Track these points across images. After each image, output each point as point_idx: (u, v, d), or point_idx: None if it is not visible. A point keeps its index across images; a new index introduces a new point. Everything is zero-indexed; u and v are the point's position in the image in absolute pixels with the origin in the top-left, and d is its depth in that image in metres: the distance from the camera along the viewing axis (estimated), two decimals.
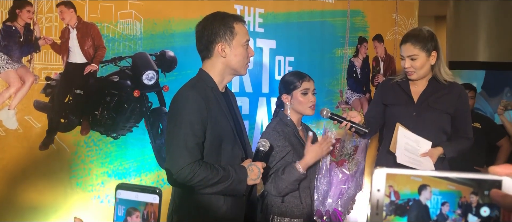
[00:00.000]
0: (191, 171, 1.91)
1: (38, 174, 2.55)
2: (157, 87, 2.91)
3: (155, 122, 2.92)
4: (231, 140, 2.07)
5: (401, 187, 0.61)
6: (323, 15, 3.69)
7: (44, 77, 2.57)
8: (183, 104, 1.98)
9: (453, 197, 0.61)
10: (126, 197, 0.69)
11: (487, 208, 0.60)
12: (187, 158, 1.91)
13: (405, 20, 4.23)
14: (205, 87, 2.06)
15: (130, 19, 2.81)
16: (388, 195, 0.61)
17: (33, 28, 2.54)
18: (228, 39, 2.07)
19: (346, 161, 2.44)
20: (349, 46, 3.86)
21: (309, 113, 2.49)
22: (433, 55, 2.53)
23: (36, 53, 2.55)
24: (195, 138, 1.94)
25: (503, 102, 4.07)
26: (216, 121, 2.01)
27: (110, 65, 2.77)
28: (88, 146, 2.70)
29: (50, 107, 2.59)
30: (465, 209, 0.61)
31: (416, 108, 2.59)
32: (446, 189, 0.61)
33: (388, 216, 0.61)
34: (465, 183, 0.61)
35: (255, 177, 2.04)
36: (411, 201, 0.61)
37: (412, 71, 2.55)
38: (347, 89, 3.88)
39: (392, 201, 0.61)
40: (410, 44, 2.52)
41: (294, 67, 3.49)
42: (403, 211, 0.61)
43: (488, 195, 0.60)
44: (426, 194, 0.61)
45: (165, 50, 2.93)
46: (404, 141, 2.45)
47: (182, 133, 1.93)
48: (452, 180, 0.61)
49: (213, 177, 1.94)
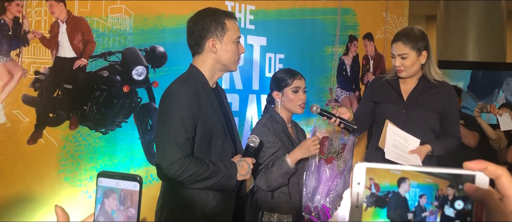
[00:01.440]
0: (181, 166, 1.92)
1: (26, 169, 2.54)
2: (147, 83, 2.91)
3: (144, 118, 2.92)
4: (221, 136, 2.08)
5: (381, 180, 0.63)
6: (314, 13, 3.70)
7: (33, 71, 2.56)
8: (174, 99, 1.98)
9: (430, 190, 0.63)
10: (107, 185, 0.70)
11: (461, 201, 0.63)
12: (177, 153, 1.92)
13: (396, 19, 4.25)
14: (196, 83, 2.06)
15: (120, 14, 2.80)
16: (369, 187, 0.63)
17: (22, 21, 2.53)
18: (219, 35, 2.08)
19: (334, 158, 2.47)
20: (340, 44, 3.88)
21: (298, 111, 2.51)
22: (424, 54, 2.57)
23: (25, 47, 2.54)
24: (186, 133, 1.95)
25: (479, 105, 4.16)
26: (206, 116, 2.02)
27: (100, 60, 2.76)
28: (76, 141, 2.69)
29: (38, 102, 2.58)
30: (442, 201, 0.63)
31: (405, 106, 2.62)
32: (424, 182, 0.63)
33: (368, 207, 0.63)
34: (442, 177, 0.63)
35: (244, 173, 2.06)
36: (390, 193, 0.63)
37: (402, 70, 2.58)
38: (336, 87, 3.91)
39: (373, 193, 0.63)
40: (401, 43, 2.55)
41: (284, 65, 3.50)
42: (383, 202, 0.63)
43: (462, 189, 0.62)
44: (405, 186, 0.63)
45: (155, 46, 2.92)
46: (392, 138, 2.48)
47: (172, 128, 1.94)
48: (430, 173, 0.63)
49: (203, 172, 1.96)
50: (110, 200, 0.69)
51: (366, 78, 4.08)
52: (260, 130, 2.41)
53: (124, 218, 0.69)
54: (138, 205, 0.69)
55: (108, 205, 0.69)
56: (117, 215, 0.69)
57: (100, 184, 0.70)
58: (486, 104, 4.18)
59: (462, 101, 4.56)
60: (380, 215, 0.63)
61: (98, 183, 0.70)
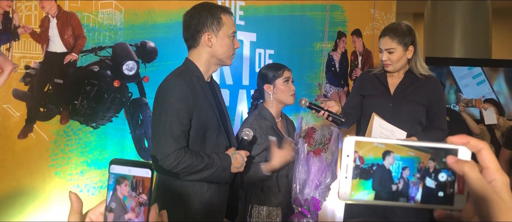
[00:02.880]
0: (177, 158, 1.94)
1: (17, 163, 2.54)
2: (138, 78, 2.92)
3: (135, 113, 2.94)
4: (215, 129, 2.12)
5: (365, 153, 0.67)
6: (303, 9, 3.74)
7: (23, 65, 2.56)
8: (169, 92, 2.01)
9: (412, 162, 0.66)
10: (119, 172, 0.71)
11: (445, 173, 0.66)
12: (172, 145, 1.95)
13: (383, 16, 4.31)
14: (191, 76, 2.09)
15: (111, 9, 2.81)
16: (354, 160, 0.66)
17: (12, 16, 2.52)
18: (215, 29, 2.11)
19: (322, 150, 2.50)
20: (328, 40, 3.93)
21: (290, 101, 2.55)
22: (410, 49, 2.62)
23: (15, 42, 2.54)
24: (181, 126, 1.98)
25: (464, 100, 4.24)
26: (201, 109, 2.05)
27: (90, 55, 2.76)
28: (67, 136, 2.70)
29: (29, 96, 2.58)
30: (424, 173, 0.66)
31: (392, 99, 2.67)
32: (406, 155, 0.66)
33: (353, 179, 0.66)
34: (424, 150, 0.67)
35: (238, 165, 2.10)
36: (375, 165, 0.66)
37: (389, 64, 2.63)
38: (325, 83, 3.95)
39: (357, 165, 0.66)
40: (388, 38, 2.60)
41: (274, 60, 3.53)
42: (367, 174, 0.66)
43: (445, 161, 0.66)
44: (389, 159, 0.66)
45: (145, 41, 2.94)
46: (379, 131, 2.53)
47: (168, 120, 1.96)
48: (413, 147, 0.67)
49: (198, 164, 1.99)
50: (122, 187, 0.71)
51: (354, 73, 4.13)
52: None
53: (136, 204, 0.71)
54: (150, 192, 0.71)
55: (120, 191, 0.71)
56: (128, 201, 0.71)
57: (112, 171, 0.71)
58: (471, 99, 4.25)
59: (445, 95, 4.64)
60: (365, 186, 0.66)
61: (110, 170, 0.71)
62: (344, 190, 0.66)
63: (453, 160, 0.65)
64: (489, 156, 0.65)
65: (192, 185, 2.05)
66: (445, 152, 0.66)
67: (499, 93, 6.05)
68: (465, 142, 0.66)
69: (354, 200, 0.66)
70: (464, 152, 0.66)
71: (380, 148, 0.66)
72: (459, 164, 0.64)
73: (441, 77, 6.04)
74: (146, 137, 2.96)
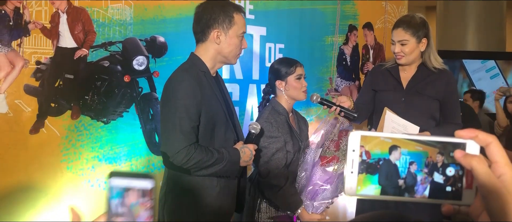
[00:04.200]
0: (187, 154, 1.95)
1: (29, 158, 2.56)
2: (148, 73, 2.92)
3: (146, 108, 2.94)
4: (223, 124, 2.12)
5: (372, 147, 0.65)
6: (313, 2, 3.71)
7: (34, 61, 2.57)
8: (178, 88, 2.01)
9: (420, 157, 0.65)
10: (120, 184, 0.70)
11: (453, 168, 0.65)
12: (182, 141, 1.95)
13: (395, 8, 4.26)
14: (198, 71, 2.08)
15: (121, 4, 2.81)
16: (360, 154, 0.65)
17: (22, 12, 2.53)
18: (225, 27, 2.10)
19: (333, 160, 2.40)
20: (339, 34, 3.89)
21: (302, 97, 2.53)
22: (423, 42, 2.58)
23: (26, 37, 2.55)
24: (191, 122, 1.98)
25: (502, 88, 4.10)
26: (209, 105, 2.05)
27: (101, 50, 2.77)
28: (78, 131, 2.71)
29: (40, 92, 2.59)
30: (431, 168, 0.65)
31: (404, 93, 2.64)
32: (414, 150, 0.65)
33: (359, 174, 0.65)
34: (432, 145, 0.65)
35: (247, 159, 2.11)
36: (381, 160, 0.65)
37: (402, 56, 2.59)
38: (336, 77, 3.92)
39: (364, 160, 0.65)
40: (401, 29, 2.57)
41: (284, 54, 3.51)
42: (374, 169, 0.65)
43: (453, 156, 0.64)
44: (396, 154, 0.65)
45: (155, 36, 2.93)
46: (391, 126, 2.49)
47: (177, 117, 1.96)
48: (420, 141, 0.65)
49: (208, 160, 1.99)
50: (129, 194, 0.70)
51: (365, 67, 4.09)
52: (264, 126, 2.40)
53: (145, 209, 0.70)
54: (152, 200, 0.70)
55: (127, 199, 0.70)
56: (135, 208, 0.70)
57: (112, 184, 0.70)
58: (510, 87, 4.12)
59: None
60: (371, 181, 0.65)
61: (110, 183, 0.70)
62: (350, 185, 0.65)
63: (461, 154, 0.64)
64: (498, 150, 0.63)
65: (202, 179, 2.05)
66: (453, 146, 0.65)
67: None
68: (473, 136, 0.65)
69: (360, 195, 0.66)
70: (473, 146, 0.65)
71: (387, 143, 0.65)
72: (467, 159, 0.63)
73: (454, 71, 5.97)
74: (157, 132, 2.97)
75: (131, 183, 0.70)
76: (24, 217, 2.54)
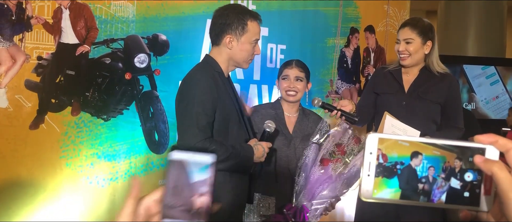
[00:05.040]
0: (199, 148, 1.93)
1: (28, 153, 2.55)
2: (149, 71, 2.92)
3: (146, 105, 2.93)
4: (237, 122, 2.17)
5: (389, 151, 0.65)
6: (316, 4, 3.71)
7: (35, 56, 2.56)
8: (195, 84, 2.06)
9: (438, 162, 0.65)
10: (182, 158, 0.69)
11: (471, 173, 0.64)
12: (198, 136, 1.99)
13: (397, 12, 4.26)
14: (213, 72, 2.14)
15: (123, 1, 2.80)
16: (377, 158, 0.65)
17: (25, 7, 2.53)
18: (238, 34, 2.15)
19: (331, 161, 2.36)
20: (341, 36, 3.89)
21: (285, 98, 2.56)
22: (428, 44, 2.58)
23: (28, 32, 2.54)
24: (207, 117, 2.03)
25: None
26: (224, 103, 2.10)
27: (102, 47, 2.76)
28: (78, 127, 2.70)
29: (41, 87, 2.59)
30: (449, 173, 0.64)
31: (406, 97, 2.63)
32: (431, 154, 0.65)
33: (375, 177, 0.65)
34: (450, 150, 0.64)
35: (260, 156, 2.16)
36: (398, 164, 0.64)
37: (406, 55, 2.59)
38: (337, 79, 3.91)
39: (380, 163, 0.65)
40: (408, 28, 2.58)
41: (286, 55, 3.51)
42: (391, 173, 0.65)
43: (472, 161, 0.64)
44: (417, 160, 0.65)
45: (157, 34, 2.93)
46: (390, 130, 2.49)
47: (194, 112, 2.01)
48: (438, 146, 0.65)
49: (222, 154, 2.02)
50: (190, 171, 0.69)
51: (366, 70, 4.09)
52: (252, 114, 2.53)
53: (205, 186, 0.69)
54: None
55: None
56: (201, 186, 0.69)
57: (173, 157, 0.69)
58: None
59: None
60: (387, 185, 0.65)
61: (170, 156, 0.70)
62: (367, 188, 0.65)
63: (481, 159, 0.63)
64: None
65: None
66: (472, 151, 0.64)
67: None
68: (493, 141, 0.64)
69: (376, 198, 0.65)
70: (492, 151, 0.64)
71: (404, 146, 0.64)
72: (487, 164, 0.62)
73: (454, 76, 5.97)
74: (156, 130, 2.96)
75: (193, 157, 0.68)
76: (23, 212, 2.54)
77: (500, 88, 6.16)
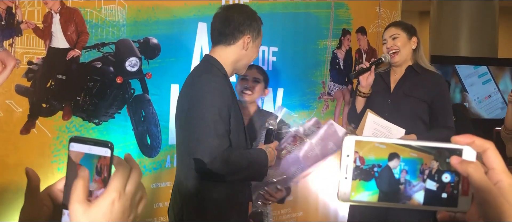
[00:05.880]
0: (223, 160, 1.84)
1: (19, 159, 2.54)
2: (140, 74, 2.91)
3: (138, 109, 2.93)
4: (240, 128, 2.04)
5: (366, 153, 0.65)
6: (307, 6, 3.72)
7: (26, 61, 2.55)
8: (208, 90, 1.92)
9: (415, 164, 0.65)
10: (79, 150, 0.71)
11: (449, 174, 0.64)
12: (219, 146, 1.84)
13: (389, 13, 4.28)
14: (221, 74, 2.01)
15: (114, 5, 2.80)
16: (354, 160, 0.65)
17: (15, 12, 2.52)
18: (254, 36, 2.08)
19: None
20: (333, 38, 3.90)
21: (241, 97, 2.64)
22: (414, 40, 2.64)
23: (18, 37, 2.53)
24: (224, 125, 1.89)
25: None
26: (234, 108, 1.99)
27: (93, 51, 2.76)
28: (70, 132, 2.69)
29: (31, 92, 2.58)
30: (427, 175, 0.65)
31: (391, 96, 2.65)
32: (408, 156, 0.65)
33: (353, 180, 0.65)
34: (426, 151, 0.65)
35: (272, 159, 2.04)
36: (375, 166, 0.65)
37: (396, 50, 2.62)
38: (329, 81, 3.93)
39: (357, 166, 0.65)
40: (392, 27, 2.68)
41: (277, 58, 3.52)
42: (368, 175, 0.65)
43: (449, 162, 0.64)
44: (394, 162, 0.65)
45: (148, 37, 2.93)
46: (373, 127, 2.48)
47: (211, 119, 1.85)
48: (415, 148, 0.65)
49: (243, 163, 1.92)
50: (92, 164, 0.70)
51: None
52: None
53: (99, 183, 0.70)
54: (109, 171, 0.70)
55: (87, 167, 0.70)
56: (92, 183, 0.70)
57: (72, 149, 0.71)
58: None
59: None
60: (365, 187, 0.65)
61: (70, 147, 0.71)
62: (344, 191, 0.65)
63: (457, 160, 0.63)
64: (495, 157, 0.62)
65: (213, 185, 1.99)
66: (449, 153, 0.64)
67: (505, 92, 6.00)
68: (470, 141, 0.64)
69: (354, 201, 0.65)
70: (469, 152, 0.64)
71: (382, 149, 0.65)
72: (463, 165, 0.62)
73: (447, 76, 6.00)
74: (149, 133, 2.96)
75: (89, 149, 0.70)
76: (14, 218, 2.53)
77: (492, 87, 6.19)
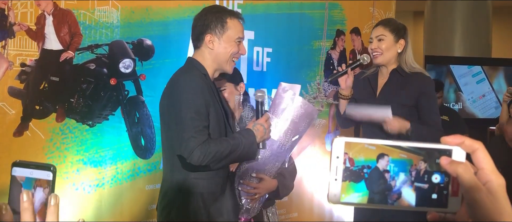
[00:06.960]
0: (202, 151, 1.93)
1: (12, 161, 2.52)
2: (134, 76, 2.91)
3: (132, 111, 2.92)
4: (221, 121, 2.11)
5: (355, 155, 0.65)
6: (301, 7, 3.72)
7: (19, 63, 2.54)
8: (185, 89, 2.00)
9: (405, 165, 0.65)
10: (21, 174, 0.71)
11: (438, 175, 0.65)
12: (196, 140, 1.93)
13: (383, 14, 4.28)
14: (200, 73, 2.09)
15: (108, 7, 2.79)
16: (344, 162, 0.65)
17: (7, 13, 2.51)
18: (218, 32, 2.09)
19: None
20: (327, 39, 3.91)
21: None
22: (401, 43, 2.57)
23: (11, 39, 2.52)
24: (201, 122, 1.98)
25: (510, 89, 4.03)
26: (213, 106, 2.06)
27: (87, 52, 2.75)
28: (63, 134, 2.69)
29: (25, 94, 2.57)
30: (417, 175, 0.65)
31: (376, 101, 2.61)
32: (398, 157, 0.65)
33: (343, 181, 0.65)
34: (416, 152, 0.65)
35: (262, 134, 2.09)
36: (365, 168, 0.65)
37: (378, 53, 2.58)
38: (324, 81, 3.93)
39: (347, 167, 0.65)
40: (381, 26, 2.62)
41: (272, 59, 3.52)
42: (358, 177, 0.65)
43: (439, 163, 0.64)
44: (383, 162, 0.65)
45: (142, 39, 2.92)
46: None
47: (189, 117, 1.95)
48: (405, 149, 0.65)
49: (224, 150, 1.97)
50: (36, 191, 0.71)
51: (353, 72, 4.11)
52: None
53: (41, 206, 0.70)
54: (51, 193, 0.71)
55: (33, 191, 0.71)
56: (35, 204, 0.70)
57: (14, 174, 0.71)
58: None
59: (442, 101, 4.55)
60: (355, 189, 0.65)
61: (12, 172, 0.71)
62: (334, 193, 0.65)
63: (447, 161, 0.63)
64: (484, 157, 0.62)
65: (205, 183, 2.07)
66: (439, 153, 0.64)
67: (499, 91, 6.03)
68: (459, 142, 0.64)
69: (344, 202, 0.65)
70: (459, 152, 0.64)
71: (371, 150, 0.65)
72: (453, 166, 0.62)
73: (441, 76, 6.02)
74: (143, 135, 2.95)
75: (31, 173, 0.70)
76: None
77: (486, 86, 6.22)
